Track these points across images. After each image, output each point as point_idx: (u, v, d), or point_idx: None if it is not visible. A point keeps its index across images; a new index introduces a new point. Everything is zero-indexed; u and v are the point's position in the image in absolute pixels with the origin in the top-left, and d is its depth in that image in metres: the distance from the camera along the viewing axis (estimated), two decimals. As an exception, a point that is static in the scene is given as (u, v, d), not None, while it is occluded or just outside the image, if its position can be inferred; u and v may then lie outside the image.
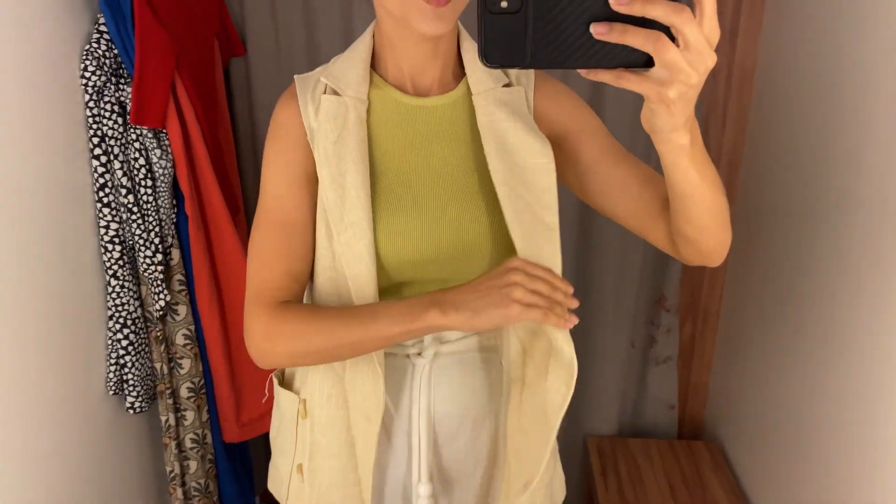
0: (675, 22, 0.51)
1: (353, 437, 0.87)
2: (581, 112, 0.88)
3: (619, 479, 1.62)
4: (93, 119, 1.13)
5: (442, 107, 0.86)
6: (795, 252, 1.38)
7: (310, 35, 1.56)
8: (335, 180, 0.81)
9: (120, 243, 1.17)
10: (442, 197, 0.84)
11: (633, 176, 0.84)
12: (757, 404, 1.55)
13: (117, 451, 1.27)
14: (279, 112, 0.85)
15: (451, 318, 0.72)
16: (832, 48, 1.26)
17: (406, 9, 0.74)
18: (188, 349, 1.30)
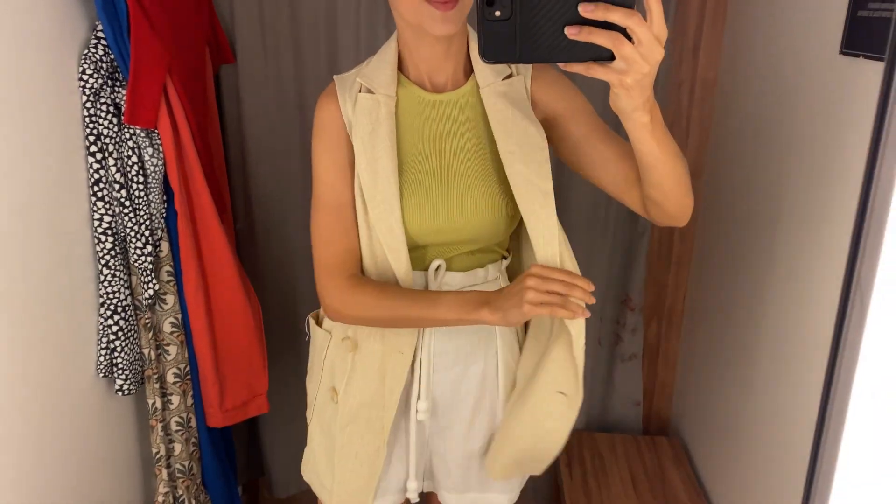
0: (629, 24, 0.66)
1: (385, 368, 1.06)
2: (572, 97, 1.04)
3: (583, 471, 1.70)
4: (89, 119, 1.21)
5: (455, 101, 1.03)
6: (754, 255, 1.47)
7: (296, 44, 1.65)
8: (370, 164, 0.99)
9: (112, 235, 1.25)
10: (456, 176, 1.02)
11: (613, 151, 0.99)
12: (717, 402, 1.64)
13: (106, 432, 1.35)
14: (321, 111, 1.03)
15: (496, 316, 0.91)
16: (785, 62, 1.36)
17: (419, 15, 0.90)
18: (175, 336, 1.38)
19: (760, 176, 1.44)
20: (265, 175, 1.73)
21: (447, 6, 0.88)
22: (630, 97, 0.73)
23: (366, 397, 1.08)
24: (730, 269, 1.59)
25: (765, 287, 1.42)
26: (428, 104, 1.03)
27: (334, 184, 1.02)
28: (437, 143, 1.03)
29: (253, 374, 1.50)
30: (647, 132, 0.79)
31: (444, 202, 1.01)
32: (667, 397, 1.93)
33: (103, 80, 1.22)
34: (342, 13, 1.62)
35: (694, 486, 1.65)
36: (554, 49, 0.70)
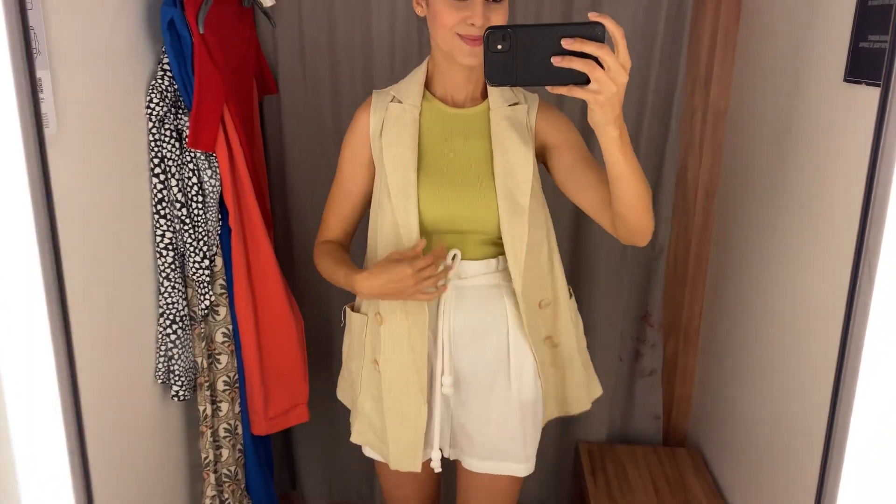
0: (600, 54, 0.87)
1: (413, 339, 1.24)
2: (567, 131, 1.25)
3: (607, 480, 1.77)
4: (154, 143, 1.33)
5: (470, 116, 1.25)
6: (765, 274, 1.56)
7: (333, 76, 1.78)
8: (395, 157, 1.21)
9: (172, 250, 1.36)
10: (466, 174, 1.22)
11: (594, 178, 1.18)
12: (734, 415, 1.71)
13: (160, 436, 1.44)
14: (355, 119, 1.28)
15: (372, 296, 1.18)
16: (793, 90, 1.47)
17: (452, 47, 1.14)
18: (226, 346, 1.47)
19: (770, 199, 1.54)
20: (304, 194, 1.84)
21: (475, 43, 1.12)
22: (603, 112, 0.91)
23: (402, 363, 1.25)
24: (742, 287, 1.68)
25: (775, 304, 1.51)
26: (448, 116, 1.25)
27: (348, 174, 1.30)
28: (452, 147, 1.24)
29: (295, 383, 1.59)
30: (615, 145, 0.97)
31: (453, 194, 1.21)
32: (684, 411, 2.01)
33: (167, 109, 1.34)
34: (377, 48, 1.74)
35: (713, 491, 1.71)
36: (543, 74, 0.90)
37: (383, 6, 1.71)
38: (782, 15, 1.51)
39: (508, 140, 1.21)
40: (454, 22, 1.12)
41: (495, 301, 1.27)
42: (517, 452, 1.31)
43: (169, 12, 1.28)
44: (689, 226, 1.89)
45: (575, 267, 1.91)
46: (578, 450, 1.92)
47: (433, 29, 1.17)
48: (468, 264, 1.25)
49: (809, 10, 1.39)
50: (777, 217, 1.51)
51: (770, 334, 1.52)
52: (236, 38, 1.52)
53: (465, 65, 1.16)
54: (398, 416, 1.27)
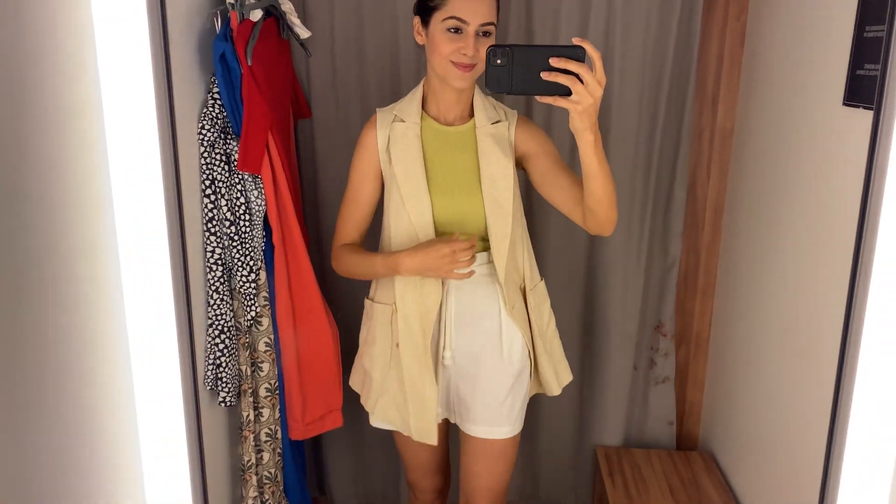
0: (580, 71, 1.07)
1: (424, 324, 1.45)
2: (543, 142, 1.46)
3: (624, 481, 1.86)
4: (205, 166, 1.43)
5: (459, 132, 1.45)
6: (771, 285, 1.66)
7: (363, 102, 1.89)
8: (405, 169, 1.42)
9: (221, 265, 1.46)
10: (456, 184, 1.43)
11: (567, 180, 1.40)
12: (743, 419, 1.80)
13: (207, 439, 1.53)
14: (363, 135, 1.48)
15: (413, 271, 1.38)
16: (795, 112, 1.58)
17: (446, 72, 1.35)
18: (268, 355, 1.57)
19: (774, 213, 1.64)
20: (334, 211, 1.93)
21: (466, 69, 1.33)
22: (581, 120, 1.12)
23: (416, 349, 1.46)
24: (749, 297, 1.77)
25: (780, 313, 1.60)
26: (440, 132, 1.45)
27: (359, 186, 1.49)
28: (445, 160, 1.44)
29: (330, 390, 1.69)
30: (590, 147, 1.17)
31: (448, 199, 1.43)
32: (696, 417, 2.10)
33: (217, 134, 1.45)
34: (403, 77, 1.86)
35: (726, 491, 1.80)
36: (533, 86, 1.09)
37: (409, 39, 1.83)
38: (785, 42, 1.62)
39: (492, 154, 1.43)
40: (449, 51, 1.33)
41: (489, 288, 1.48)
42: (504, 417, 1.50)
43: (221, 46, 1.39)
44: (698, 240, 1.99)
45: (590, 280, 2.01)
46: (596, 454, 2.01)
47: (431, 56, 1.37)
48: (484, 255, 1.46)
49: (811, 38, 1.50)
50: (780, 231, 1.61)
51: (775, 342, 1.62)
52: (277, 67, 1.64)
53: (456, 87, 1.37)
54: (418, 397, 1.47)
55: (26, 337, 0.87)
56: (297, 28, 1.67)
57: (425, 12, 1.37)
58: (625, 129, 1.86)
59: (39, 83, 0.90)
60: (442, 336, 1.48)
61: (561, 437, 2.12)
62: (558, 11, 1.82)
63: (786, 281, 1.58)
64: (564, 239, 1.96)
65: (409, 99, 1.46)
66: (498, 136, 1.44)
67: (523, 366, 1.51)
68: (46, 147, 0.92)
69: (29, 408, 0.88)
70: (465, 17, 1.31)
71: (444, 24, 1.33)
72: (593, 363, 2.05)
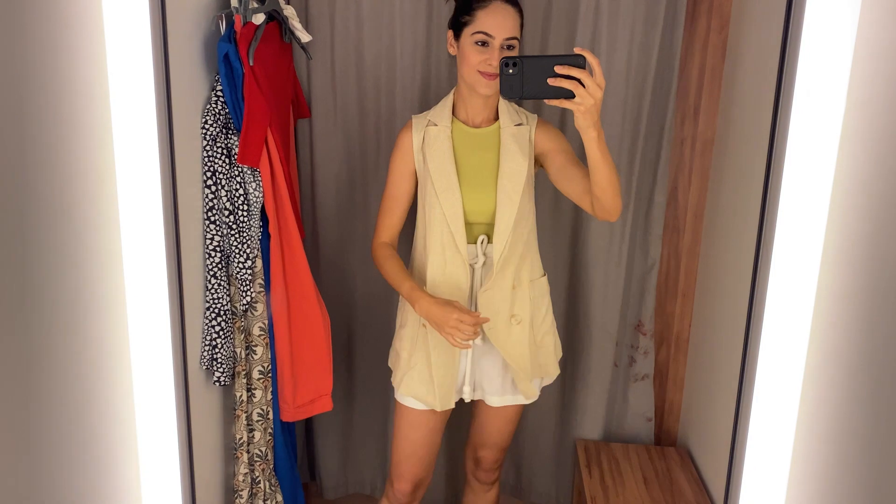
0: (581, 77, 1.23)
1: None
2: (559, 141, 1.64)
3: (601, 471, 1.94)
4: (207, 158, 1.53)
5: (485, 134, 1.64)
6: (748, 288, 1.74)
7: (360, 104, 1.99)
8: (438, 167, 1.60)
9: (220, 252, 1.55)
10: (481, 178, 1.61)
11: (579, 174, 1.56)
12: (719, 417, 1.88)
13: (201, 418, 1.62)
14: (399, 139, 1.66)
15: (421, 314, 1.56)
16: (768, 120, 1.66)
17: (474, 80, 1.54)
18: (261, 339, 1.66)
19: (751, 219, 1.72)
20: (330, 207, 2.05)
21: (491, 78, 1.52)
22: (584, 119, 1.28)
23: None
24: (727, 300, 1.85)
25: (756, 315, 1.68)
26: (469, 134, 1.63)
27: (396, 182, 1.67)
28: (472, 158, 1.62)
29: (320, 375, 1.77)
30: (594, 143, 1.34)
31: (474, 192, 1.60)
32: (675, 414, 2.17)
33: (219, 129, 1.54)
34: (399, 79, 1.96)
35: (698, 485, 1.88)
36: (541, 90, 1.26)
37: (406, 43, 1.93)
38: (764, 55, 1.71)
39: (511, 152, 1.60)
40: (477, 62, 1.51)
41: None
42: (527, 388, 1.69)
43: (225, 47, 1.49)
44: (679, 243, 2.08)
45: (574, 279, 2.10)
46: (576, 446, 2.09)
47: (461, 66, 1.56)
48: (490, 246, 1.61)
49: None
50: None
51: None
52: (278, 69, 1.74)
53: (482, 94, 1.56)
54: (443, 367, 1.65)
55: (31, 324, 0.96)
56: (298, 32, 1.76)
57: (457, 27, 1.56)
58: (608, 135, 1.95)
59: (53, 79, 0.99)
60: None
61: (543, 431, 2.20)
62: (547, 27, 1.91)
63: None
64: (549, 239, 2.05)
65: (441, 105, 1.64)
66: (519, 136, 1.61)
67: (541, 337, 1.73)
68: (57, 140, 1.01)
69: (33, 388, 0.97)
70: (492, 32, 1.50)
71: (472, 38, 1.51)
72: (575, 359, 2.13)
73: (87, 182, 1.10)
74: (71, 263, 1.05)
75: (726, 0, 1.90)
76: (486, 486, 1.91)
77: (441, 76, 1.96)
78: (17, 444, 0.93)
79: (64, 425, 1.05)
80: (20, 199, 0.92)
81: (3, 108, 0.88)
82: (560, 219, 2.06)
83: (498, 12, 1.51)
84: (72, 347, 1.06)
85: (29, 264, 0.94)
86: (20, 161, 0.91)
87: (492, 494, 1.93)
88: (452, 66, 1.94)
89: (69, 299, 1.05)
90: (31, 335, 0.95)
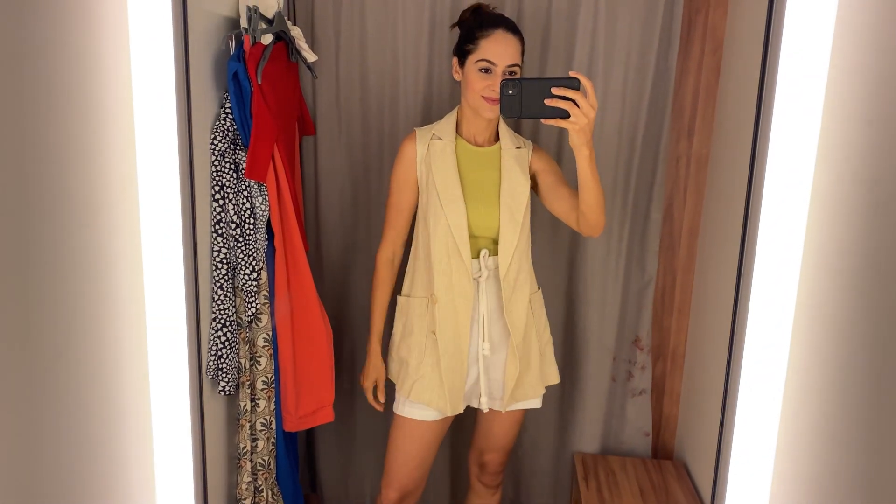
0: (576, 98, 1.34)
1: (458, 316, 1.68)
2: (551, 163, 1.75)
3: (598, 484, 1.96)
4: (216, 173, 1.58)
5: (487, 153, 1.71)
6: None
7: (364, 122, 2.04)
8: (444, 180, 1.66)
9: (226, 264, 1.60)
10: (482, 195, 1.68)
11: (567, 194, 1.68)
12: (714, 430, 1.90)
13: (207, 426, 1.65)
14: (402, 149, 1.71)
15: (368, 359, 1.83)
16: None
17: (478, 105, 1.62)
18: (265, 350, 1.70)
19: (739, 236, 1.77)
20: (334, 222, 2.09)
21: (494, 103, 1.59)
22: (578, 137, 1.39)
23: (452, 334, 1.69)
24: (722, 316, 1.89)
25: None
26: (471, 152, 1.71)
27: (398, 193, 1.73)
28: (474, 174, 1.69)
29: (323, 387, 1.81)
30: (586, 161, 1.44)
31: (475, 208, 1.67)
32: (672, 429, 2.20)
33: (227, 145, 1.60)
34: (402, 98, 2.01)
35: (694, 497, 1.90)
36: (539, 110, 1.35)
37: (409, 63, 1.99)
38: (756, 76, 1.76)
39: (513, 172, 1.69)
40: (481, 87, 1.59)
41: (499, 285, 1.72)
42: (533, 392, 1.79)
43: (234, 66, 1.55)
44: (674, 260, 2.12)
45: (572, 295, 2.14)
46: (574, 459, 2.12)
47: (465, 91, 1.64)
48: (494, 259, 1.69)
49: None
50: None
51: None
52: (285, 87, 1.79)
53: (485, 118, 1.64)
54: (453, 372, 1.70)
55: (54, 329, 1.00)
56: (304, 52, 1.82)
57: (462, 55, 1.63)
58: (605, 153, 2.00)
59: (82, 95, 1.05)
60: (479, 330, 1.70)
61: (542, 446, 2.23)
62: (546, 49, 1.97)
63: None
64: (547, 255, 2.09)
65: (445, 122, 1.71)
66: (520, 158, 1.71)
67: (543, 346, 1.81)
68: (82, 150, 1.06)
69: (53, 393, 1.01)
70: (495, 60, 1.57)
71: (476, 65, 1.59)
72: (573, 374, 2.17)
73: (111, 192, 1.15)
74: (92, 269, 1.10)
75: (720, 23, 1.96)
76: (492, 490, 1.97)
77: (443, 94, 2.02)
78: (37, 442, 0.97)
79: (81, 426, 1.09)
80: (49, 207, 0.96)
81: (41, 121, 0.93)
82: (558, 235, 2.10)
83: (500, 41, 1.58)
84: (90, 350, 1.10)
85: (51, 270, 0.98)
86: (49, 170, 0.96)
87: (497, 497, 1.99)
88: (454, 85, 2.00)
89: (89, 302, 1.09)
90: (54, 335, 0.99)
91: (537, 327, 1.78)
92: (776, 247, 1.02)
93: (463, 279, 1.67)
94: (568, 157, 2.02)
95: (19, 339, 0.92)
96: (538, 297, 1.81)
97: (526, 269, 1.73)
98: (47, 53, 0.97)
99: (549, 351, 1.84)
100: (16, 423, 0.92)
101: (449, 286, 1.68)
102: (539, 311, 1.80)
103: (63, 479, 1.05)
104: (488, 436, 1.88)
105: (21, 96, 0.92)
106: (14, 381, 0.91)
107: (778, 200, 1.02)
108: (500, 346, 1.74)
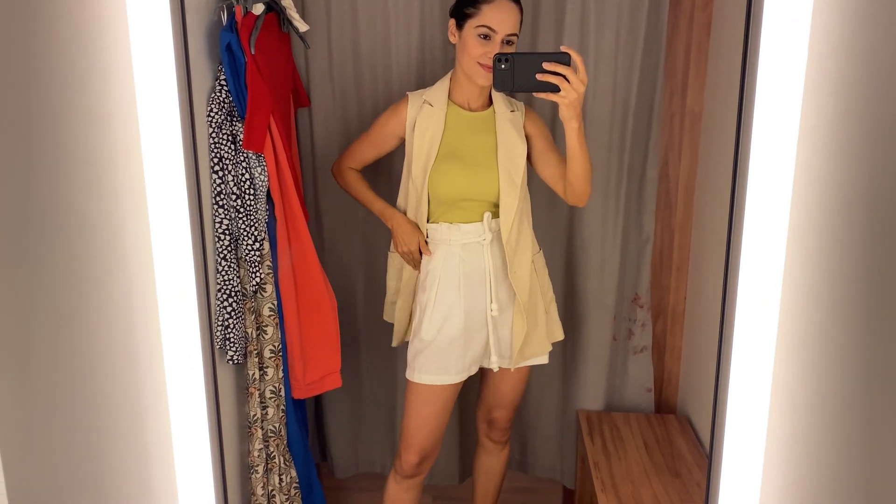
0: (566, 73, 1.38)
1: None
2: (543, 128, 1.77)
3: (603, 439, 2.00)
4: (214, 145, 1.59)
5: (481, 117, 1.73)
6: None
7: (358, 93, 2.05)
8: (422, 147, 1.69)
9: (229, 235, 1.61)
10: (476, 160, 1.70)
11: (556, 160, 1.71)
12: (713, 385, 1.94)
13: (219, 394, 1.68)
14: (396, 105, 1.76)
15: (393, 226, 1.80)
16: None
17: (473, 71, 1.63)
18: (271, 319, 1.73)
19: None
20: (331, 194, 2.11)
21: (489, 70, 1.57)
22: (568, 111, 1.42)
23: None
24: (719, 272, 1.91)
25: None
26: (465, 117, 1.72)
27: (378, 131, 1.79)
28: (468, 139, 1.70)
29: (329, 353, 1.83)
30: (574, 133, 1.49)
31: (467, 172, 1.69)
32: (674, 385, 2.23)
33: (224, 116, 1.60)
34: (395, 68, 2.02)
35: (698, 449, 1.94)
36: (530, 84, 1.39)
37: (401, 33, 1.99)
38: (741, 29, 1.77)
39: (509, 136, 1.70)
40: (478, 54, 1.60)
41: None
42: (541, 349, 1.83)
43: (227, 37, 1.55)
44: (671, 218, 2.14)
45: (571, 256, 2.16)
46: (578, 417, 2.15)
47: (461, 55, 1.64)
48: (496, 222, 1.72)
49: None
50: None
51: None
52: (277, 58, 1.80)
53: (479, 84, 1.65)
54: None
55: (71, 314, 1.02)
56: (296, 22, 1.82)
57: (461, 17, 1.62)
58: (600, 113, 2.01)
59: (84, 72, 1.06)
60: (487, 292, 1.73)
61: (546, 406, 2.26)
62: (537, 8, 1.97)
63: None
64: (546, 217, 2.11)
65: (438, 87, 1.72)
66: (514, 121, 1.72)
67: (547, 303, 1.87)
68: (85, 131, 1.08)
69: (75, 376, 1.03)
70: (495, 27, 1.58)
71: (476, 31, 1.59)
72: (575, 334, 2.19)
73: (116, 169, 1.16)
74: (101, 239, 1.12)
75: (709, -22, 1.96)
76: (500, 446, 2.04)
77: (435, 61, 2.02)
78: (56, 417, 0.99)
79: (99, 405, 1.11)
80: (55, 189, 0.98)
81: (38, 102, 0.94)
82: (556, 197, 2.12)
83: (503, 8, 1.58)
84: (103, 328, 1.13)
85: (61, 250, 1.00)
86: (53, 151, 0.98)
87: (505, 452, 2.07)
88: (446, 51, 2.00)
89: (99, 274, 1.11)
90: (73, 317, 1.01)
91: (542, 286, 1.82)
92: (764, 195, 1.04)
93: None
94: (560, 127, 2.02)
95: (35, 315, 0.94)
96: (540, 257, 1.84)
97: (527, 230, 1.76)
98: (45, 28, 0.98)
99: (553, 309, 1.89)
100: (32, 394, 0.94)
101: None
102: (542, 271, 1.84)
103: (80, 442, 1.07)
104: (497, 393, 1.93)
105: (23, 65, 0.93)
106: (32, 355, 0.93)
107: (766, 152, 1.04)
108: (507, 306, 1.77)
